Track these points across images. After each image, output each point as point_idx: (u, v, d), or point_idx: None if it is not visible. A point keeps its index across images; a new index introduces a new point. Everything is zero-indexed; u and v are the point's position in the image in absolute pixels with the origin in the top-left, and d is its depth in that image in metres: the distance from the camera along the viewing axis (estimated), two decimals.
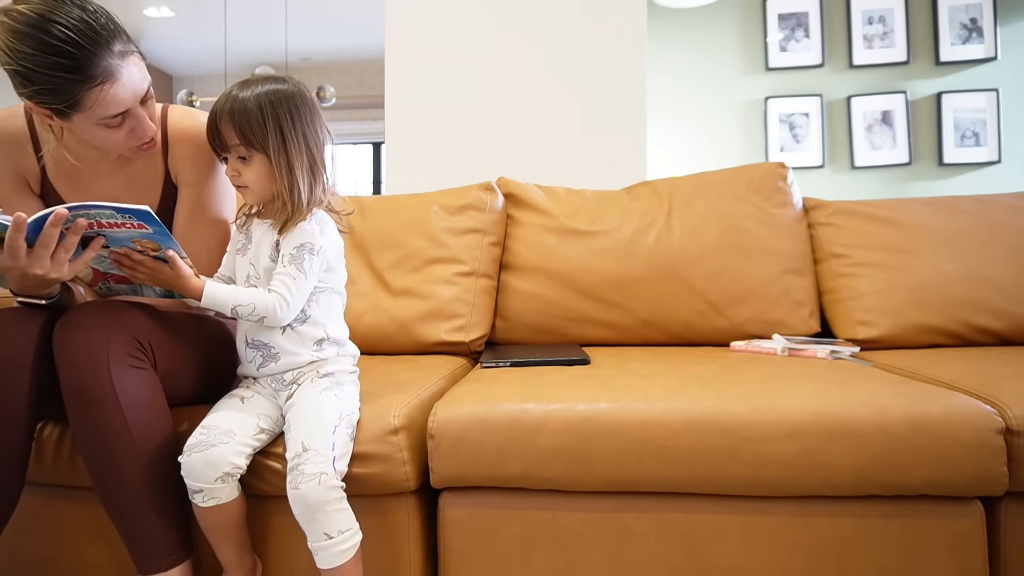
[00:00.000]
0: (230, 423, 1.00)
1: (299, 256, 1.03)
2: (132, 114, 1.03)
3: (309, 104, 1.07)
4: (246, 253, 1.10)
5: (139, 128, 1.05)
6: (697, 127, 3.63)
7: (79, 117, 0.99)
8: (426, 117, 2.18)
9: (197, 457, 0.96)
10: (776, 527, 1.04)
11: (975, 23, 3.43)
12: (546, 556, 1.07)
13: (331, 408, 1.01)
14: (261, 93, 1.03)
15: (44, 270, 0.94)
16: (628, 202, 1.74)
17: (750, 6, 3.60)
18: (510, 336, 1.69)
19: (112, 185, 1.18)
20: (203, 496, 0.97)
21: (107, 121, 1.00)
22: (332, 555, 0.93)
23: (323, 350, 1.09)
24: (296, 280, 1.03)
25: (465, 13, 2.17)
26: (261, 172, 1.04)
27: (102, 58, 0.95)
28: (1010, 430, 1.01)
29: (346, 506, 0.95)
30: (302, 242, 1.04)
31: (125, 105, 1.00)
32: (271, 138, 1.01)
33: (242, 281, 1.10)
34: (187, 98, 4.85)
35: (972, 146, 3.44)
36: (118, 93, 0.98)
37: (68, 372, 0.97)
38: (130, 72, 0.99)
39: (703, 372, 1.23)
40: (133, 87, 1.00)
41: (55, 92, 0.95)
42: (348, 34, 5.80)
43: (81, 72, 0.94)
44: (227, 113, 1.02)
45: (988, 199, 1.70)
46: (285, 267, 1.03)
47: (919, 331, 1.56)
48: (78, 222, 0.93)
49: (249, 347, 1.08)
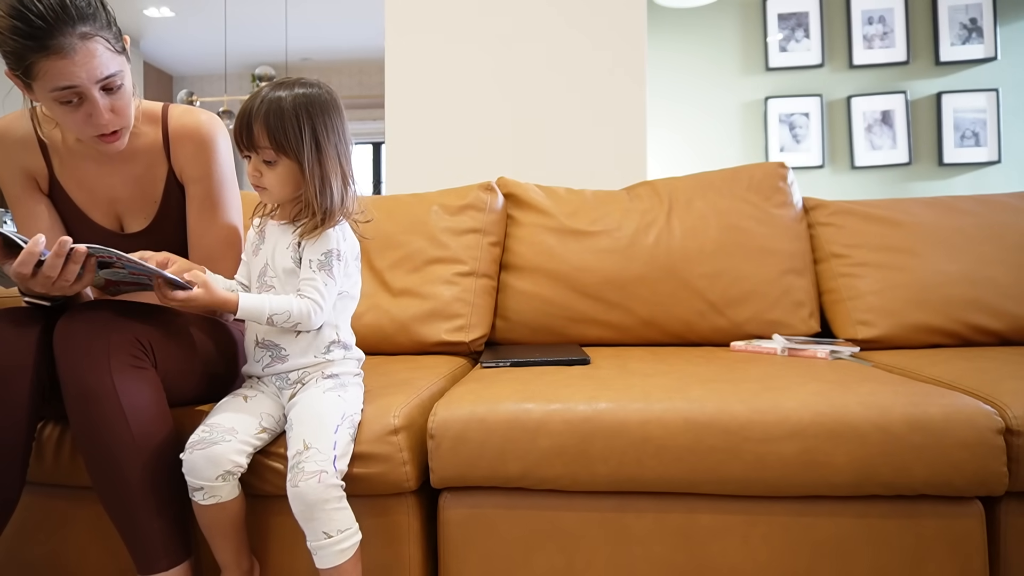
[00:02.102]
0: (232, 421, 1.00)
1: (327, 262, 1.04)
2: (88, 98, 1.02)
3: (341, 112, 1.07)
4: (258, 252, 1.11)
5: (95, 114, 1.04)
6: (697, 127, 3.63)
7: (37, 87, 1.00)
8: (426, 117, 2.18)
9: (199, 454, 0.96)
10: (776, 527, 1.04)
11: (975, 23, 3.43)
12: (546, 556, 1.07)
13: (334, 408, 1.01)
14: (298, 98, 1.02)
15: (46, 290, 0.97)
16: (628, 202, 1.74)
17: (750, 6, 3.60)
18: (510, 336, 1.69)
19: (116, 183, 1.19)
20: (203, 494, 0.97)
21: (60, 95, 1.00)
22: (331, 554, 0.93)
23: (331, 352, 1.09)
24: (327, 286, 1.04)
25: (465, 13, 2.17)
26: (285, 177, 1.04)
27: (61, 33, 0.96)
28: (1010, 430, 1.01)
29: (345, 505, 0.95)
30: (328, 248, 1.04)
31: (75, 80, 0.99)
32: (305, 146, 1.01)
33: (255, 279, 1.10)
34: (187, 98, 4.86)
35: (972, 146, 3.44)
36: (67, 67, 0.98)
37: (69, 372, 0.97)
38: (89, 51, 0.99)
39: (703, 372, 1.23)
40: (88, 67, 0.99)
41: (14, 56, 0.97)
42: (348, 34, 5.81)
43: (34, 40, 0.95)
44: (262, 115, 1.01)
45: (988, 199, 1.70)
46: (315, 273, 1.04)
47: (919, 331, 1.56)
48: (77, 250, 0.94)
49: (259, 347, 1.08)
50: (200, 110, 1.22)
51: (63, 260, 0.94)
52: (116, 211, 1.21)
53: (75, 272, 0.96)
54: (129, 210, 1.21)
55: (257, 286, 1.10)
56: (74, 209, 1.19)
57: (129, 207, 1.21)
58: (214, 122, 1.21)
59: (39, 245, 0.93)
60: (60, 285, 0.97)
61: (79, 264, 0.96)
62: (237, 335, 1.23)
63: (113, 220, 1.21)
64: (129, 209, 1.21)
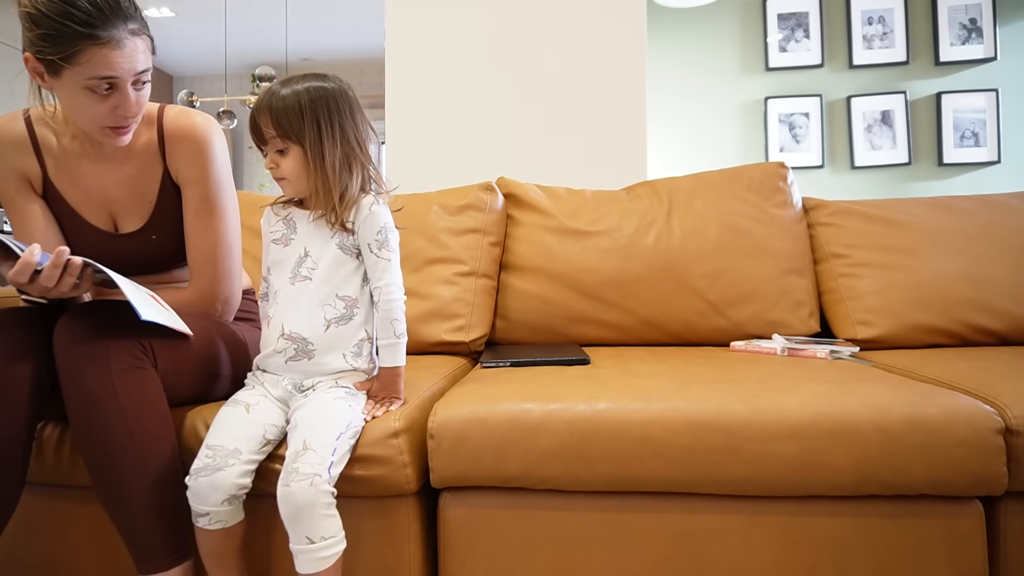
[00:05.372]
0: (235, 442, 0.98)
1: (385, 239, 1.08)
2: (120, 89, 1.04)
3: (350, 101, 1.08)
4: (289, 243, 1.10)
5: (123, 107, 1.06)
6: (697, 127, 3.63)
7: (69, 74, 1.01)
8: (426, 117, 2.18)
9: (203, 481, 0.95)
10: (776, 527, 1.04)
11: (975, 23, 3.43)
12: (546, 556, 1.07)
13: (342, 415, 1.00)
14: (301, 89, 1.05)
15: (43, 295, 0.98)
16: (628, 202, 1.74)
17: (750, 6, 3.60)
18: (510, 336, 1.69)
19: (110, 183, 1.19)
20: (208, 520, 0.96)
21: (94, 84, 1.02)
22: (311, 560, 0.91)
23: (360, 355, 1.08)
24: (392, 261, 1.09)
25: (465, 13, 2.17)
26: (297, 164, 1.05)
27: (114, 26, 1.00)
28: (1010, 430, 1.01)
29: (334, 513, 0.93)
30: (381, 225, 1.08)
31: (118, 71, 1.02)
32: (308, 131, 1.03)
33: (288, 270, 1.09)
34: (187, 98, 4.85)
35: (972, 146, 3.44)
36: (115, 58, 1.01)
37: (69, 371, 0.97)
38: (134, 47, 1.03)
39: (703, 372, 1.23)
40: (132, 61, 1.03)
41: (56, 40, 0.98)
42: (348, 34, 5.80)
43: (88, 27, 0.98)
44: (266, 106, 1.04)
45: (988, 199, 1.70)
46: (378, 253, 1.07)
47: (919, 331, 1.56)
48: (73, 262, 0.96)
49: (284, 338, 1.06)
50: (196, 111, 1.22)
51: (60, 271, 0.95)
52: (110, 211, 1.21)
53: (71, 284, 0.98)
54: (123, 210, 1.21)
55: (290, 276, 1.09)
56: (68, 209, 1.19)
57: (123, 207, 1.20)
58: (210, 124, 1.21)
59: (35, 255, 0.94)
60: (56, 293, 0.98)
61: (75, 276, 0.98)
62: (238, 335, 1.23)
63: (107, 220, 1.21)
64: (123, 209, 1.21)
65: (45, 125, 1.16)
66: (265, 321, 1.11)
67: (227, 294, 1.24)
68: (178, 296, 1.19)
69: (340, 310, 1.07)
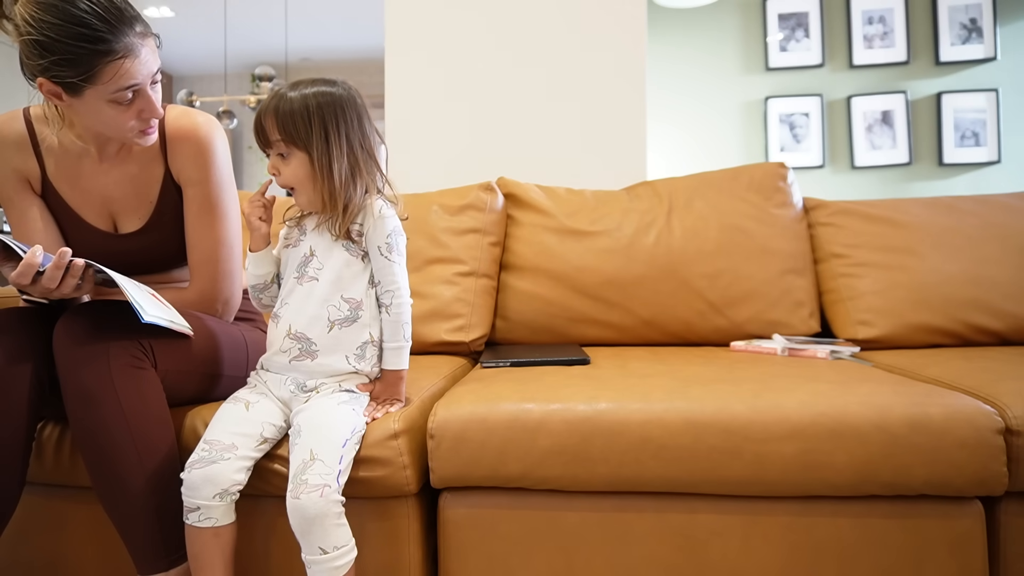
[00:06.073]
0: (232, 437, 0.98)
1: (393, 243, 1.07)
2: (142, 94, 1.05)
3: (359, 108, 1.07)
4: (298, 244, 1.10)
5: (148, 109, 1.07)
6: (697, 127, 3.63)
7: (92, 92, 1.01)
8: (426, 117, 2.18)
9: (197, 473, 0.94)
10: (776, 527, 1.04)
11: (975, 23, 3.43)
12: (546, 556, 1.07)
13: (346, 422, 0.99)
14: (309, 94, 1.04)
15: (44, 296, 0.98)
16: (628, 202, 1.74)
17: (750, 6, 3.60)
18: (510, 336, 1.69)
19: (110, 183, 1.19)
20: (199, 515, 0.95)
21: (119, 96, 1.02)
22: (326, 571, 0.91)
23: (362, 358, 1.07)
24: (401, 264, 1.09)
25: (465, 13, 2.17)
26: (300, 170, 1.04)
27: (125, 35, 0.99)
28: (1010, 430, 1.01)
29: (344, 522, 0.93)
30: (390, 230, 1.07)
31: (139, 80, 1.03)
32: (315, 139, 1.02)
33: (293, 269, 1.09)
34: (187, 98, 4.86)
35: (972, 146, 3.44)
36: (135, 67, 1.01)
37: (68, 372, 0.97)
38: (147, 49, 1.04)
39: (703, 372, 1.23)
40: (148, 65, 1.04)
41: (74, 63, 0.97)
42: (348, 34, 5.80)
43: (104, 44, 0.97)
44: (272, 109, 1.03)
45: (988, 199, 1.70)
46: (388, 256, 1.07)
47: (919, 331, 1.56)
48: (75, 263, 0.97)
49: (289, 337, 1.06)
50: (198, 112, 1.22)
51: (63, 272, 0.96)
52: (110, 211, 1.20)
53: (73, 285, 0.98)
54: (123, 210, 1.20)
55: (296, 276, 1.09)
56: (67, 210, 1.19)
57: (123, 207, 1.20)
58: (212, 124, 1.21)
59: (37, 256, 0.94)
60: (58, 294, 0.98)
61: (77, 277, 0.98)
62: (238, 335, 1.23)
63: (107, 220, 1.21)
64: (123, 209, 1.20)
65: (45, 124, 1.16)
66: (274, 321, 1.10)
67: (228, 295, 1.24)
68: (178, 296, 1.18)
69: (345, 312, 1.06)
